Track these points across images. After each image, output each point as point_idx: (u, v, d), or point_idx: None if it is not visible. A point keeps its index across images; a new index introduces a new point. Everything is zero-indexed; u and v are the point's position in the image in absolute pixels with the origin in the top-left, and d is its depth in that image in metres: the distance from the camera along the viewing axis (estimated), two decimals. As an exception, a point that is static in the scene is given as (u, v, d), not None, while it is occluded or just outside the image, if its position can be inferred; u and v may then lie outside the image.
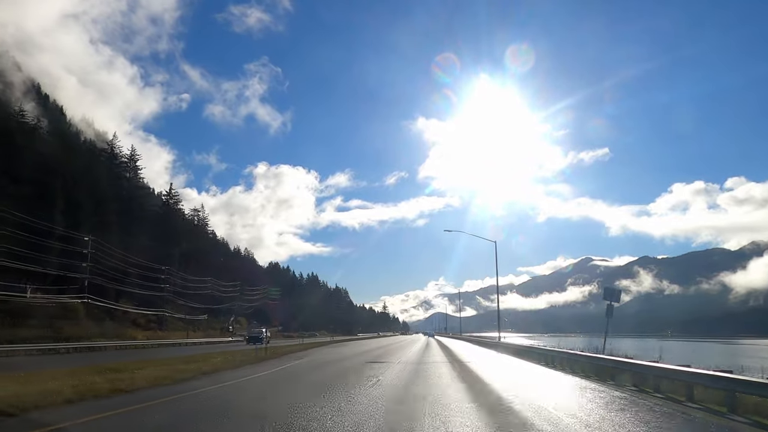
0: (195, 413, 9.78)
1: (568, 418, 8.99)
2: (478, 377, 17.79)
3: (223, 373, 17.52)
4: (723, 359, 40.35)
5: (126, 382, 13.08)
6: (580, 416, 9.30)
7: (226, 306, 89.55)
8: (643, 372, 14.52)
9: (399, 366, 21.92)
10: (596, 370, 17.74)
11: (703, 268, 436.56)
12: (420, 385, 14.48)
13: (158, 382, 13.68)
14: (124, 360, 22.87)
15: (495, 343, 40.41)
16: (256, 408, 10.28)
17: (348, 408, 9.94)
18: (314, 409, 9.64)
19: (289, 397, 12.13)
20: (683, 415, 9.85)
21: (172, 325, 62.13)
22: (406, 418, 9.03)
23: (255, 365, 21.71)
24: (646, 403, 11.14)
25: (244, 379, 16.06)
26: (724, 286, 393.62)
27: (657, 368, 13.69)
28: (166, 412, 9.66)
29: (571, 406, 10.62)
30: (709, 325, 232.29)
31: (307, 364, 23.28)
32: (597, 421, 8.85)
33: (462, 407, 10.32)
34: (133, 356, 28.19)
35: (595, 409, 10.31)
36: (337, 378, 16.64)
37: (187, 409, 10.32)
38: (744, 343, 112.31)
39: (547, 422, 8.59)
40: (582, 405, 10.85)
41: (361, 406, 10.18)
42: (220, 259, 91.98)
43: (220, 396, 12.23)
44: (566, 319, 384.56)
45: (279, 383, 15.53)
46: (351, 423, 8.29)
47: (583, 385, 15.29)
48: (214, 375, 16.80)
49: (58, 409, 9.21)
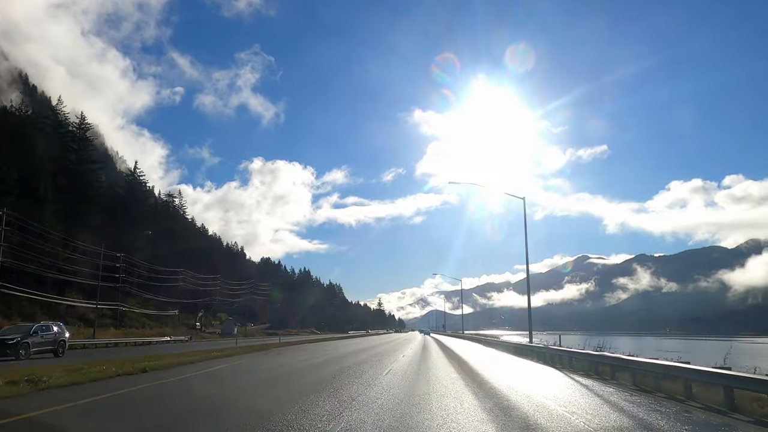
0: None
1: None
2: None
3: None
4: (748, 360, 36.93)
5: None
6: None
7: (205, 300, 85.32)
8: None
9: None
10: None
11: (701, 266, 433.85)
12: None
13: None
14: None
15: (517, 347, 30.72)
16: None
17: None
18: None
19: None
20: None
21: (135, 321, 57.20)
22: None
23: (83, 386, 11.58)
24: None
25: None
26: (723, 284, 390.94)
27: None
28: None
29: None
30: (709, 323, 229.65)
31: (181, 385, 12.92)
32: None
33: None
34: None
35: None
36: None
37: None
38: (744, 341, 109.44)
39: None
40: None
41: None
42: (197, 248, 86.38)
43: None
44: (563, 316, 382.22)
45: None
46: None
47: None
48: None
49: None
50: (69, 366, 16.06)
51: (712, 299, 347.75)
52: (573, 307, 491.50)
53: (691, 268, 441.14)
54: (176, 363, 18.80)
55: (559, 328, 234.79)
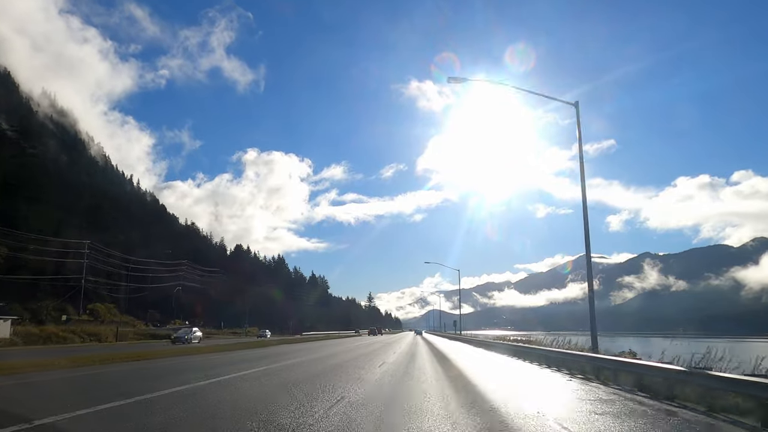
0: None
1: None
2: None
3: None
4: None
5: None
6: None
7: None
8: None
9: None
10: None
11: (710, 264, 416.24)
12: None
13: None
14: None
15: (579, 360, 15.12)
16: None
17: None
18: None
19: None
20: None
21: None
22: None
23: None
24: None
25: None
26: (736, 282, 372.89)
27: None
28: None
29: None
30: (724, 323, 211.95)
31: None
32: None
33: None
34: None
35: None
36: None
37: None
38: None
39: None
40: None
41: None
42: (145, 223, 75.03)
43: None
44: (564, 316, 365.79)
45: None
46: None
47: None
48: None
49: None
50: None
51: (724, 298, 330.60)
52: (577, 306, 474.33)
53: (700, 266, 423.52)
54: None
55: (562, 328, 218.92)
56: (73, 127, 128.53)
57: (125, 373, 14.53)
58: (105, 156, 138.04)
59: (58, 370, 14.49)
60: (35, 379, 12.39)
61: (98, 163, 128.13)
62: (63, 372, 14.14)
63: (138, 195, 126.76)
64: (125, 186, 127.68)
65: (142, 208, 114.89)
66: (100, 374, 13.78)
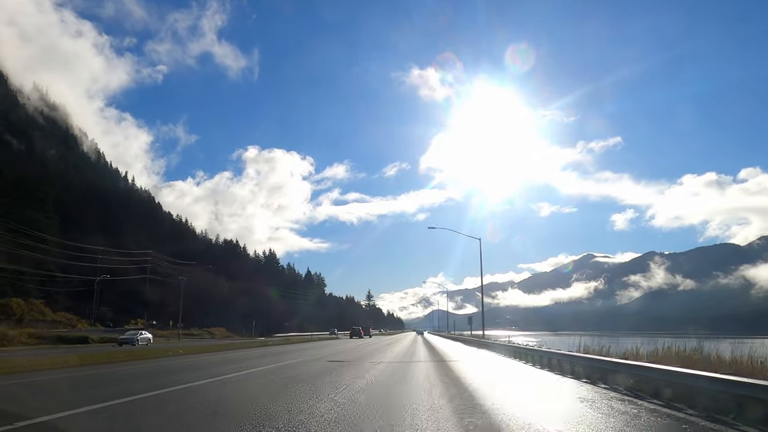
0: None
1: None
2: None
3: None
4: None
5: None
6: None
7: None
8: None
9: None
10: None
11: (718, 262, 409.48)
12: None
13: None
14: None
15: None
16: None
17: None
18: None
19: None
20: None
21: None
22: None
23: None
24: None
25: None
26: (746, 281, 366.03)
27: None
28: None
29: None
30: (735, 322, 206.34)
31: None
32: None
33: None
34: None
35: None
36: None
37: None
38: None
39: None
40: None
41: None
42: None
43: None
44: (568, 316, 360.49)
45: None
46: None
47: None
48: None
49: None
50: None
51: (734, 296, 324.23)
52: (581, 305, 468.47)
53: (708, 265, 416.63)
54: None
55: (566, 328, 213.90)
56: (64, 121, 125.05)
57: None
58: (99, 152, 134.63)
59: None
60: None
61: (90, 158, 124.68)
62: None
63: (132, 192, 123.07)
64: (118, 182, 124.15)
65: (138, 205, 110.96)
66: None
